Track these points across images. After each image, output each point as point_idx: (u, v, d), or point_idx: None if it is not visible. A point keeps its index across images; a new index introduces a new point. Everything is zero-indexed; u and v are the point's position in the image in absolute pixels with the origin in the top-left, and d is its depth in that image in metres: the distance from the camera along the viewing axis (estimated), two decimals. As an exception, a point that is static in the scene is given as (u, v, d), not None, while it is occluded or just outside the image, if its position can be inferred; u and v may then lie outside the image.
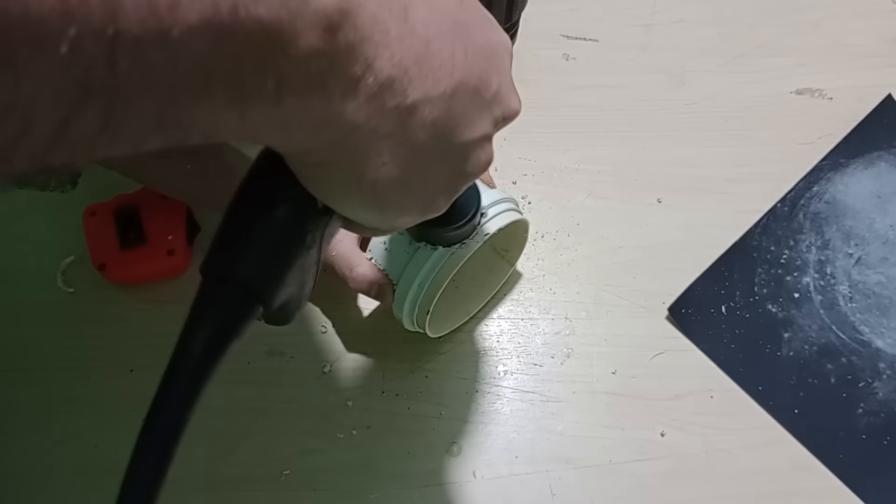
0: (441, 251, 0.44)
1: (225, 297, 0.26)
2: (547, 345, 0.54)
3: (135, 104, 0.17)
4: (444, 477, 0.50)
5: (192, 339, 0.25)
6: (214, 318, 0.25)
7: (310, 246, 0.28)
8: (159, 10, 0.16)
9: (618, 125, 0.63)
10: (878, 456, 0.50)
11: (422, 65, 0.23)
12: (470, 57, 0.25)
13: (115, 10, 0.15)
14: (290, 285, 0.27)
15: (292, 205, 0.26)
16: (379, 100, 0.22)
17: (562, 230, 0.59)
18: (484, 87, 0.26)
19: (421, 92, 0.23)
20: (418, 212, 0.29)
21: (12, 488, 0.50)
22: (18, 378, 0.53)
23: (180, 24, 0.16)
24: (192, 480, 0.50)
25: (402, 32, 0.22)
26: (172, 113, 0.18)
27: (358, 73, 0.21)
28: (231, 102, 0.19)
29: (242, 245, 0.26)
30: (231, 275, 0.26)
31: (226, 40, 0.18)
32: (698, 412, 0.52)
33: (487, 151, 0.29)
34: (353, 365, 0.53)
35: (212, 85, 0.18)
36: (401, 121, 0.23)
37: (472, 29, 0.26)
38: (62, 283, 0.56)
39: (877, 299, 0.55)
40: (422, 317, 0.47)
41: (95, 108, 0.17)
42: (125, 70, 0.16)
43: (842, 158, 0.61)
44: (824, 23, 0.69)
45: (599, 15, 0.69)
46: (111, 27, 0.15)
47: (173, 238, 0.54)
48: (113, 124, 0.17)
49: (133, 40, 0.16)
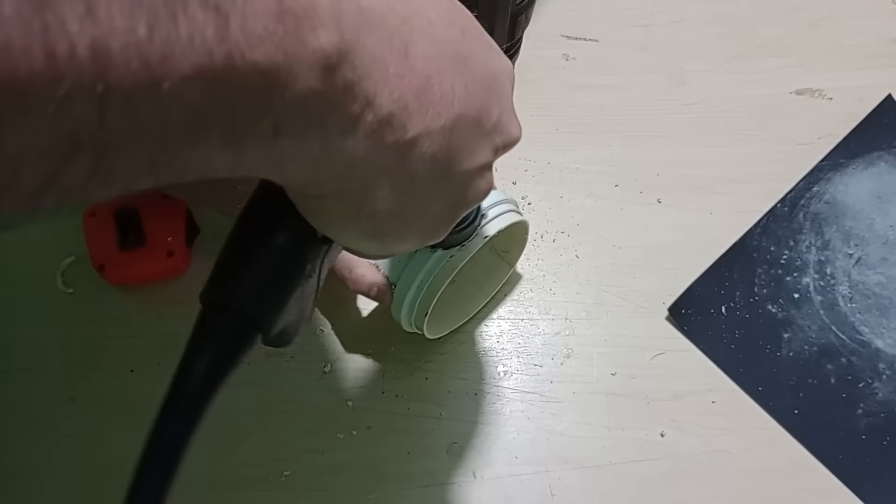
0: (440, 253, 0.44)
1: (224, 326, 0.26)
2: (547, 345, 0.54)
3: (125, 153, 0.17)
4: (444, 477, 0.50)
5: (192, 368, 0.25)
6: (214, 347, 0.25)
7: (309, 275, 0.28)
8: (151, 63, 0.16)
9: (618, 125, 0.63)
10: (878, 456, 0.50)
11: (422, 99, 0.23)
12: (470, 88, 0.25)
13: (105, 67, 0.15)
14: (289, 313, 0.27)
15: (291, 234, 0.26)
16: (378, 136, 0.22)
17: (562, 230, 0.58)
18: (485, 117, 0.26)
19: (421, 126, 0.23)
20: (418, 241, 0.29)
21: (12, 488, 0.50)
22: (18, 378, 0.53)
23: (172, 75, 0.16)
24: (192, 480, 0.49)
25: (402, 69, 0.22)
26: (165, 158, 0.18)
27: (357, 111, 0.21)
28: (226, 145, 0.19)
29: (242, 274, 0.26)
30: (230, 304, 0.26)
31: (220, 86, 0.17)
32: (698, 412, 0.52)
33: (487, 179, 0.29)
34: (353, 365, 0.53)
35: (205, 130, 0.18)
36: (400, 155, 0.23)
37: (472, 59, 0.26)
38: (62, 284, 0.56)
39: (877, 300, 0.55)
40: (420, 318, 0.47)
41: (84, 160, 0.16)
42: (115, 123, 0.16)
43: (842, 159, 0.61)
44: (824, 23, 0.69)
45: (599, 15, 0.69)
46: (101, 84, 0.15)
47: (173, 239, 0.54)
48: (103, 172, 0.17)
49: (123, 95, 0.16)
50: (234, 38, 0.17)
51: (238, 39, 0.17)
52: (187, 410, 0.24)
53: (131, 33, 0.15)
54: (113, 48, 0.15)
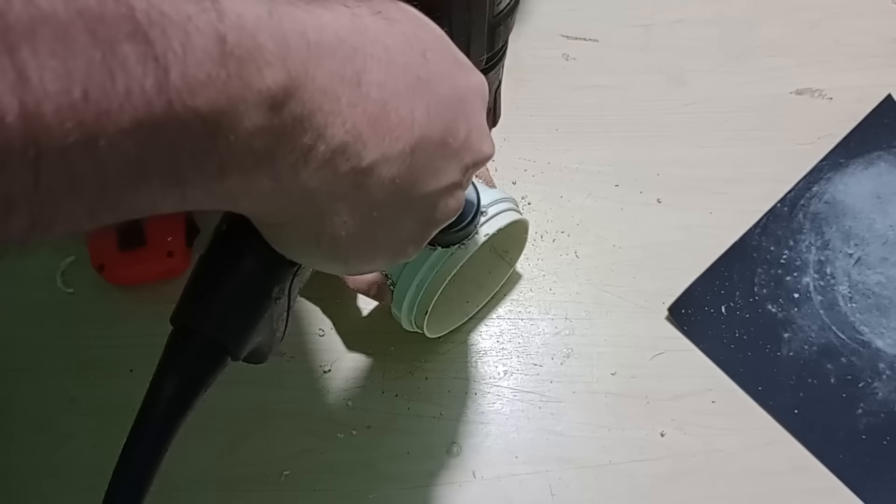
0: (440, 251, 0.44)
1: (193, 349, 0.26)
2: (547, 345, 0.54)
3: (62, 207, 0.17)
4: (444, 477, 0.50)
5: (161, 390, 0.25)
6: (182, 370, 0.26)
7: (277, 297, 0.28)
8: (86, 122, 0.15)
9: (617, 125, 0.63)
10: (878, 456, 0.50)
11: (377, 127, 0.23)
12: (433, 110, 0.25)
13: (37, 133, 0.15)
14: (259, 335, 0.28)
15: (258, 259, 0.27)
16: (332, 165, 0.22)
17: (562, 230, 0.58)
18: (451, 137, 0.26)
19: (377, 153, 0.23)
20: (386, 261, 0.29)
21: (12, 488, 0.50)
22: (18, 378, 0.53)
23: (109, 130, 0.16)
24: (192, 480, 0.50)
25: (355, 98, 0.22)
26: (105, 206, 0.18)
27: (308, 143, 0.21)
28: (169, 187, 0.19)
29: (209, 298, 0.26)
30: (198, 328, 0.26)
31: (160, 135, 0.17)
32: (698, 412, 0.52)
33: (457, 198, 0.29)
34: (353, 365, 0.53)
35: (146, 176, 0.18)
36: (357, 182, 0.23)
37: (435, 82, 0.25)
38: (62, 284, 0.56)
39: (876, 299, 0.55)
40: (420, 317, 0.47)
41: (20, 217, 0.16)
42: (50, 182, 0.16)
43: (841, 158, 0.61)
44: (824, 23, 0.69)
45: (599, 15, 0.69)
46: (32, 150, 0.15)
47: (172, 240, 0.54)
48: (40, 226, 0.17)
49: (58, 156, 0.15)
50: (174, 86, 0.17)
51: (179, 88, 0.17)
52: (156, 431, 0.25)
53: (65, 95, 0.15)
54: (45, 112, 0.15)
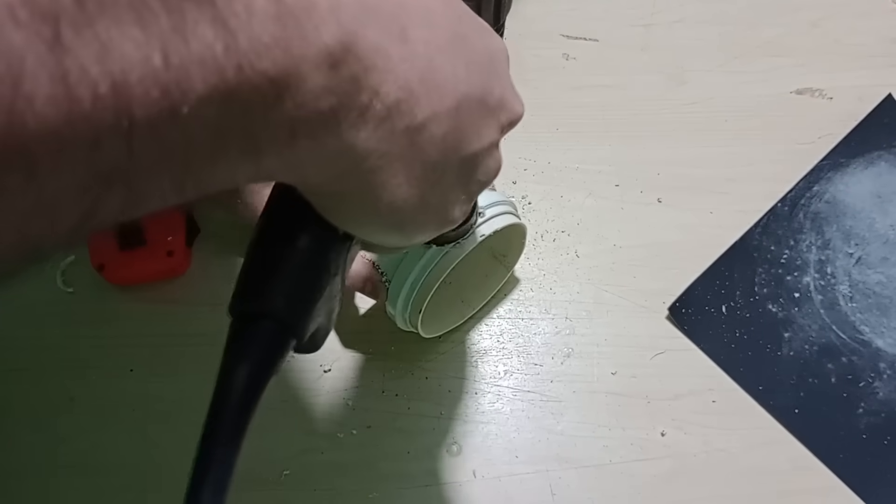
0: (435, 250, 0.44)
1: (260, 335, 0.25)
2: (547, 344, 0.54)
3: (153, 180, 0.17)
4: (444, 477, 0.50)
5: (232, 381, 0.25)
6: (252, 357, 0.25)
7: (335, 273, 0.28)
8: (169, 89, 0.16)
9: (618, 125, 0.63)
10: (879, 456, 0.50)
11: (427, 83, 0.23)
12: (472, 68, 0.25)
13: (128, 102, 0.15)
14: (320, 314, 0.27)
15: (314, 235, 0.26)
16: (388, 124, 0.22)
17: (562, 230, 0.58)
18: (488, 96, 0.26)
19: (429, 110, 0.23)
20: (435, 226, 0.29)
21: (13, 488, 0.50)
22: (18, 378, 0.53)
23: (190, 97, 0.16)
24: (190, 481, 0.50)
25: (403, 54, 0.22)
26: (190, 177, 0.18)
27: (365, 102, 0.21)
28: (246, 155, 0.19)
29: (270, 281, 0.26)
30: (263, 312, 0.25)
31: (235, 100, 0.17)
32: (699, 412, 0.52)
33: (496, 158, 0.29)
34: (352, 365, 0.53)
35: (226, 144, 0.18)
36: (411, 140, 0.23)
37: (470, 40, 0.26)
38: (62, 283, 0.56)
39: (877, 299, 0.55)
40: (414, 316, 0.47)
41: (117, 194, 0.17)
42: (142, 153, 0.16)
43: (842, 158, 0.61)
44: (824, 22, 0.69)
45: (600, 15, 0.69)
46: (126, 120, 0.15)
47: (173, 239, 0.54)
48: (134, 202, 0.17)
49: (147, 125, 0.16)
50: (242, 50, 0.17)
51: (246, 51, 0.17)
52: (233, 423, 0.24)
53: (147, 63, 0.15)
54: (132, 82, 0.15)
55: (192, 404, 0.49)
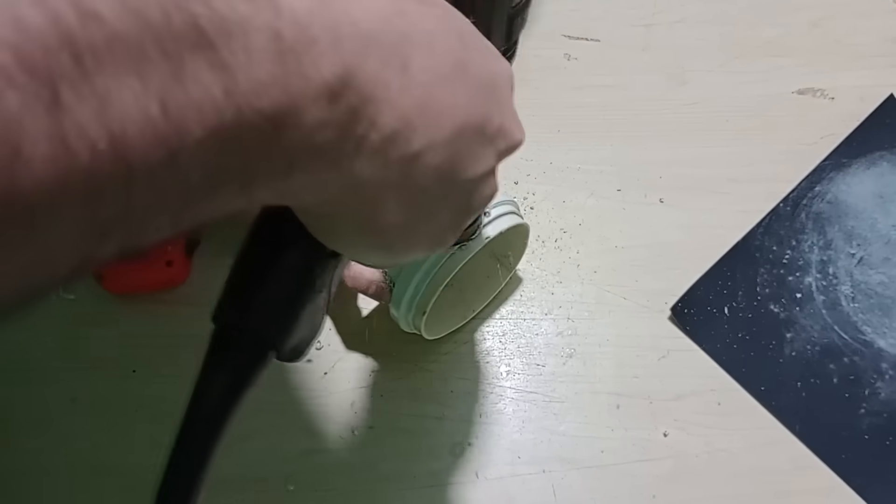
0: (439, 252, 0.44)
1: (239, 346, 0.26)
2: (549, 345, 0.54)
3: (151, 221, 0.17)
4: (446, 477, 0.50)
5: (208, 391, 0.25)
6: (229, 368, 0.25)
7: (319, 289, 0.28)
8: (167, 137, 0.16)
9: (619, 125, 0.63)
10: (881, 456, 0.50)
11: (425, 113, 0.22)
12: (472, 96, 0.25)
13: (125, 155, 0.15)
14: (301, 329, 0.27)
15: (301, 251, 0.26)
16: (383, 153, 0.22)
17: (564, 230, 0.58)
18: (487, 124, 0.26)
19: (425, 140, 0.23)
20: (426, 249, 0.29)
21: (12, 488, 0.50)
22: (20, 379, 0.53)
23: (188, 143, 0.16)
24: (193, 481, 0.50)
25: (402, 84, 0.21)
26: (187, 214, 0.18)
27: (362, 133, 0.21)
28: (242, 189, 0.19)
29: (253, 293, 0.26)
30: (243, 324, 0.26)
31: (232, 141, 0.17)
32: (701, 412, 0.52)
33: (491, 185, 0.29)
34: (354, 365, 0.53)
35: (222, 183, 0.18)
36: (406, 170, 0.23)
37: (472, 66, 0.25)
38: (62, 290, 0.55)
39: (879, 299, 0.55)
40: (418, 317, 0.47)
41: (114, 238, 0.17)
42: (139, 200, 0.16)
43: (844, 158, 0.61)
44: (825, 22, 0.69)
45: (601, 15, 0.69)
46: (124, 171, 0.15)
47: (172, 249, 0.53)
48: (131, 241, 0.17)
49: (146, 173, 0.16)
50: (241, 91, 0.17)
51: (245, 92, 0.17)
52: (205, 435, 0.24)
53: (145, 114, 0.15)
54: (130, 134, 0.15)
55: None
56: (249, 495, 0.49)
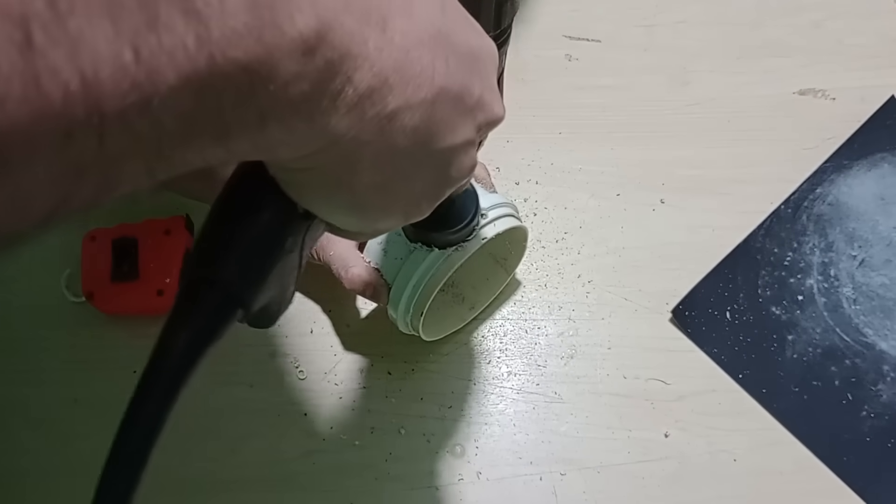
0: (437, 253, 0.44)
1: (204, 300, 0.26)
2: (550, 346, 0.54)
3: (125, 167, 0.18)
4: (447, 478, 0.50)
5: (171, 342, 0.25)
6: (194, 321, 0.25)
7: (290, 250, 0.28)
8: (139, 83, 0.16)
9: (620, 126, 0.63)
10: (883, 458, 0.50)
11: (402, 73, 0.23)
12: (451, 64, 0.25)
13: (98, 98, 0.15)
14: (270, 289, 0.27)
15: (272, 209, 0.27)
16: (359, 110, 0.22)
17: (565, 231, 0.58)
18: (466, 94, 0.27)
19: (401, 99, 0.23)
20: (400, 216, 0.29)
21: (16, 489, 0.50)
22: (22, 379, 0.53)
23: (161, 89, 0.16)
24: (194, 481, 0.50)
25: (380, 43, 0.22)
26: (162, 163, 0.19)
27: (338, 88, 0.21)
28: (217, 140, 0.19)
29: (222, 248, 0.26)
30: (210, 278, 0.26)
31: (206, 90, 0.18)
32: (702, 413, 0.52)
33: (471, 157, 0.29)
34: (356, 366, 0.53)
35: (197, 132, 0.18)
36: (381, 128, 0.23)
37: (453, 36, 0.26)
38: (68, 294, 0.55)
39: (881, 301, 0.55)
40: (415, 319, 0.47)
41: (89, 182, 0.17)
42: (113, 144, 0.17)
43: (845, 160, 0.61)
44: (827, 23, 0.69)
45: (602, 15, 0.69)
46: (96, 115, 0.16)
47: (165, 279, 0.52)
48: (105, 187, 0.18)
49: (117, 117, 0.16)
50: (214, 39, 0.17)
51: (218, 40, 0.17)
52: (166, 385, 0.24)
53: (117, 59, 0.15)
54: (103, 78, 0.15)
55: (194, 406, 0.49)
56: (250, 495, 0.49)
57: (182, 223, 0.54)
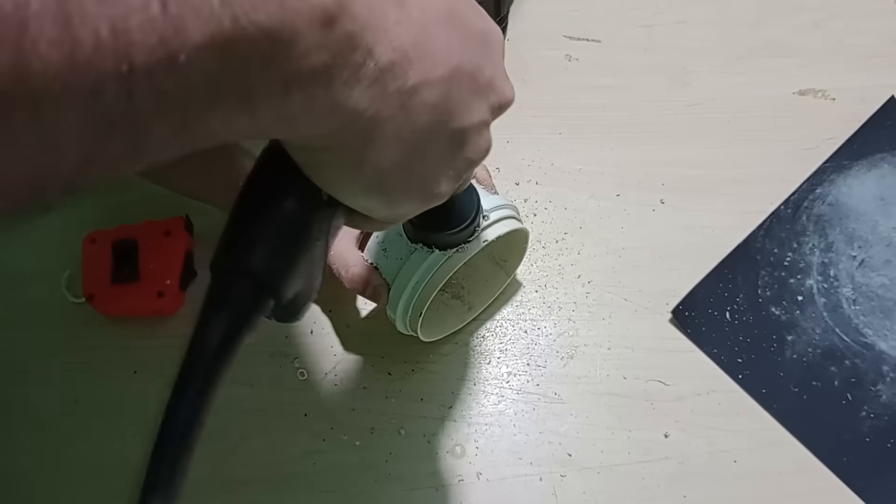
0: (437, 254, 0.44)
1: (236, 291, 0.26)
2: (550, 346, 0.54)
3: (154, 126, 0.18)
4: (447, 478, 0.50)
5: (206, 334, 0.25)
6: (227, 312, 0.25)
7: (317, 237, 0.28)
8: (167, 37, 0.16)
9: (620, 126, 0.63)
10: (882, 459, 0.50)
11: (420, 49, 0.23)
12: (465, 44, 0.26)
13: (127, 48, 0.16)
14: (299, 278, 0.28)
15: (298, 197, 0.27)
16: (380, 84, 0.22)
17: (565, 231, 0.58)
18: (479, 73, 0.27)
19: (421, 75, 0.24)
20: (421, 198, 0.30)
21: (17, 490, 0.50)
22: (23, 380, 0.53)
23: (187, 46, 0.17)
24: (194, 481, 0.49)
25: (399, 17, 0.22)
26: (188, 126, 0.19)
27: (359, 61, 0.21)
28: (241, 106, 0.20)
29: (250, 238, 0.26)
30: (241, 268, 0.26)
31: (231, 51, 0.18)
32: (702, 413, 0.52)
33: (486, 138, 0.30)
34: (356, 367, 0.53)
35: (222, 94, 0.19)
36: (402, 103, 0.24)
37: (465, 18, 0.26)
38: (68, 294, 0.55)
39: (880, 302, 0.55)
40: (414, 319, 0.47)
41: (118, 139, 0.17)
42: (141, 99, 0.17)
43: (845, 160, 0.61)
44: (827, 23, 0.69)
45: (602, 15, 0.69)
46: (125, 66, 0.16)
47: (166, 280, 0.52)
48: (134, 146, 0.18)
49: (146, 71, 0.17)
50: (238, 1, 0.18)
51: (242, 2, 0.18)
52: (204, 377, 0.25)
53: (146, 10, 0.16)
54: (131, 28, 0.16)
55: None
56: (250, 495, 0.50)
57: (182, 224, 0.54)
